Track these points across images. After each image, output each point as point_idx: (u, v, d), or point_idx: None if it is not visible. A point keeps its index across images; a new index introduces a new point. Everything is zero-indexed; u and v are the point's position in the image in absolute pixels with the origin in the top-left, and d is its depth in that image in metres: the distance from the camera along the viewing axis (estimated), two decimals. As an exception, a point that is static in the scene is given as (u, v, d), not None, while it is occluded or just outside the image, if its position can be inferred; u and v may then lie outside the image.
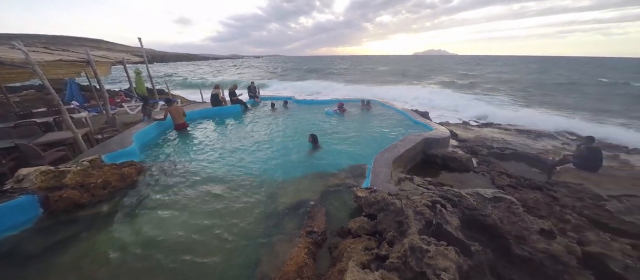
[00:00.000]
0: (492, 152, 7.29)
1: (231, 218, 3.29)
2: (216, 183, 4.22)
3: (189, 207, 3.54)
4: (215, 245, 2.82)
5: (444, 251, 1.87)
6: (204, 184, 4.20)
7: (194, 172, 4.60)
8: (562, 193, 4.22)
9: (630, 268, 1.99)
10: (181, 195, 3.84)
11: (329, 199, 3.70)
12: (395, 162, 4.45)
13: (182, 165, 4.90)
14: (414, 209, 2.48)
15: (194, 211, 3.45)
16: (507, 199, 2.55)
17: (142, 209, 3.51)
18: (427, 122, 7.20)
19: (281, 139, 6.58)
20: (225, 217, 3.32)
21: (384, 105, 9.95)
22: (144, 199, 3.74)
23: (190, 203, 3.65)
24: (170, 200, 3.71)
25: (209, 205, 3.57)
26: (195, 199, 3.76)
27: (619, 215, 3.25)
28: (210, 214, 3.37)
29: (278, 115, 9.04)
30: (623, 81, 28.82)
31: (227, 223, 3.20)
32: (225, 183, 4.22)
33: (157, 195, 3.83)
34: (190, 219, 3.27)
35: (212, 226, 3.13)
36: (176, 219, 3.28)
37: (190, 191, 3.97)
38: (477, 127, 12.78)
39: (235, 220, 3.24)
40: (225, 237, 2.95)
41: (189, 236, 2.95)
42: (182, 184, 4.18)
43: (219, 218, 3.29)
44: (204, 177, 4.45)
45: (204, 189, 4.02)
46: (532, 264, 2.12)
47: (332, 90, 25.44)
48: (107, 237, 2.94)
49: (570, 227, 3.04)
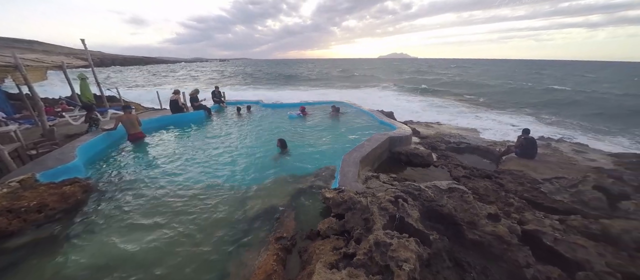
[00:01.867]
0: (449, 147, 7.93)
1: (196, 232, 3.10)
2: (178, 196, 3.93)
3: (147, 226, 3.23)
4: (179, 262, 2.62)
5: (405, 243, 1.98)
6: (165, 198, 3.88)
7: (153, 186, 4.23)
8: (507, 180, 4.75)
9: (558, 240, 2.32)
10: (138, 213, 3.50)
11: (299, 203, 3.68)
12: (362, 161, 4.60)
13: (138, 179, 4.46)
14: (378, 206, 2.59)
15: (154, 229, 3.17)
16: (459, 189, 2.80)
17: (89, 232, 3.11)
18: (392, 122, 7.58)
19: (248, 144, 6.39)
20: (190, 231, 3.11)
21: (351, 106, 10.24)
22: (92, 220, 3.33)
23: (148, 220, 3.33)
24: (125, 220, 3.35)
25: (171, 221, 3.31)
26: (155, 215, 3.45)
27: (551, 196, 3.76)
28: (173, 230, 3.12)
29: (244, 121, 8.76)
30: (549, 85, 33.38)
31: (192, 237, 3.00)
32: (188, 195, 3.95)
33: (109, 215, 3.44)
34: (149, 238, 2.99)
35: (175, 243, 2.91)
36: (132, 240, 2.97)
37: (149, 207, 3.64)
38: (436, 125, 13.79)
39: (201, 234, 3.06)
40: (190, 252, 2.76)
41: (148, 257, 2.70)
42: (139, 200, 3.81)
43: (182, 233, 3.07)
44: (164, 190, 4.11)
45: (164, 204, 3.71)
46: (482, 246, 2.35)
47: (300, 93, 25.58)
48: (45, 269, 2.55)
49: (513, 209, 3.43)
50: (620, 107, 19.19)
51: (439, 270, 2.23)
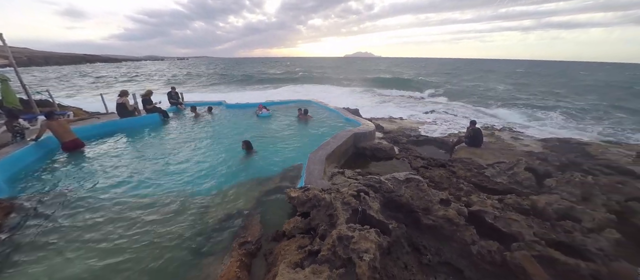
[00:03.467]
0: (410, 140, 8.47)
1: (152, 247, 2.83)
2: (129, 210, 3.54)
3: (88, 248, 2.84)
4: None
5: (366, 234, 2.06)
6: (112, 213, 3.47)
7: (95, 202, 3.72)
8: (458, 167, 5.23)
9: (497, 217, 2.63)
10: (75, 234, 3.05)
11: (265, 205, 3.60)
12: (328, 158, 4.66)
13: (78, 195, 3.90)
14: (342, 201, 2.65)
15: (99, 249, 2.81)
16: (415, 179, 3.00)
17: (8, 265, 2.60)
18: (357, 118, 7.83)
19: (211, 148, 6.05)
20: (144, 247, 2.83)
21: (317, 105, 10.32)
22: (15, 247, 2.83)
23: (90, 242, 2.93)
24: (58, 243, 2.90)
25: (120, 238, 2.97)
26: (100, 233, 3.07)
27: (493, 178, 4.24)
28: (123, 249, 2.80)
29: (205, 123, 8.27)
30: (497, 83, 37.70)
31: (146, 254, 2.73)
32: (141, 208, 3.59)
33: (37, 240, 2.95)
34: (91, 262, 2.65)
35: (126, 262, 2.62)
36: (71, 265, 2.60)
37: (90, 227, 3.20)
38: (399, 120, 14.63)
39: (158, 249, 2.80)
40: (145, 270, 2.51)
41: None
42: (78, 219, 3.34)
43: (135, 250, 2.78)
44: (111, 205, 3.67)
45: (111, 220, 3.31)
46: (435, 229, 2.55)
47: (266, 93, 25.09)
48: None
49: (463, 194, 3.80)
50: (550, 99, 22.53)
51: (399, 256, 2.37)
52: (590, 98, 23.21)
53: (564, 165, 5.34)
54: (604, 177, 4.64)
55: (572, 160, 5.76)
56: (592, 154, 7.28)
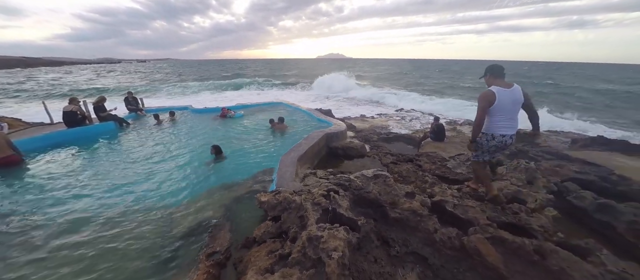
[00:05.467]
0: (381, 138, 8.79)
1: (111, 264, 2.57)
2: (77, 231, 3.17)
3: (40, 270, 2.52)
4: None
5: (334, 233, 2.09)
6: (58, 237, 3.07)
7: (35, 226, 3.26)
8: (424, 161, 5.54)
9: (456, 205, 2.83)
10: (17, 260, 2.68)
11: (235, 212, 3.48)
12: (300, 160, 4.65)
13: (11, 220, 3.40)
14: (312, 201, 2.66)
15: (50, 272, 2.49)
16: (382, 175, 3.12)
17: None
18: (328, 119, 7.93)
19: (175, 155, 5.70)
20: (103, 265, 2.56)
21: (288, 106, 10.26)
22: None
23: (40, 265, 2.60)
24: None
25: (75, 259, 2.66)
26: (41, 262, 2.71)
27: (454, 169, 4.57)
28: (79, 270, 2.51)
29: (168, 129, 7.76)
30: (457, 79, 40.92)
31: (105, 271, 2.48)
32: (93, 227, 3.24)
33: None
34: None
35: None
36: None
37: (38, 248, 2.83)
38: (370, 118, 15.12)
39: (118, 267, 2.56)
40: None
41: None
42: (13, 247, 2.92)
43: (92, 270, 2.50)
44: (56, 228, 3.24)
45: (56, 245, 2.94)
46: (402, 221, 2.68)
47: (236, 95, 24.38)
48: None
49: (427, 186, 4.03)
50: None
51: (368, 250, 2.44)
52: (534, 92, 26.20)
53: (513, 154, 5.94)
54: (545, 161, 5.26)
55: (520, 148, 6.44)
56: (536, 142, 8.20)
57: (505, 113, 2.72)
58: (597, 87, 29.85)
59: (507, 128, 2.78)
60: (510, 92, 2.67)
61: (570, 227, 3.22)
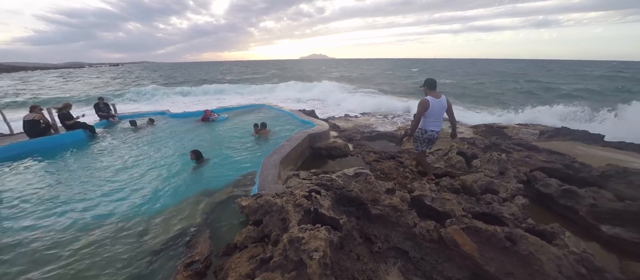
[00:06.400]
0: (364, 136, 8.90)
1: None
2: (45, 249, 2.93)
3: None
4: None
5: (316, 233, 2.09)
6: (22, 258, 2.82)
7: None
8: (405, 157, 5.68)
9: (434, 199, 2.93)
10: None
11: (216, 218, 3.38)
12: (283, 162, 4.61)
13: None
14: (293, 203, 2.64)
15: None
16: (363, 173, 3.16)
17: None
18: (311, 119, 7.92)
19: (152, 163, 5.43)
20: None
21: (271, 108, 10.14)
22: None
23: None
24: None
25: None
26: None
27: (433, 164, 4.73)
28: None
29: (145, 136, 7.39)
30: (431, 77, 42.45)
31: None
32: (62, 244, 3.00)
33: None
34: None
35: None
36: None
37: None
38: (354, 118, 15.30)
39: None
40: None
41: None
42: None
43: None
44: (20, 247, 2.98)
45: (20, 265, 2.70)
46: (383, 217, 2.72)
47: (215, 98, 23.68)
48: None
49: (408, 181, 4.14)
50: (473, 89, 26.15)
51: (351, 248, 2.46)
52: (509, 87, 27.80)
53: (487, 146, 6.24)
54: (516, 153, 5.58)
55: (493, 142, 6.79)
56: (508, 135, 8.69)
57: (435, 116, 3.70)
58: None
59: (435, 126, 3.79)
60: (439, 101, 3.65)
61: (538, 213, 3.44)
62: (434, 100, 3.64)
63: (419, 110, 3.66)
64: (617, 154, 6.01)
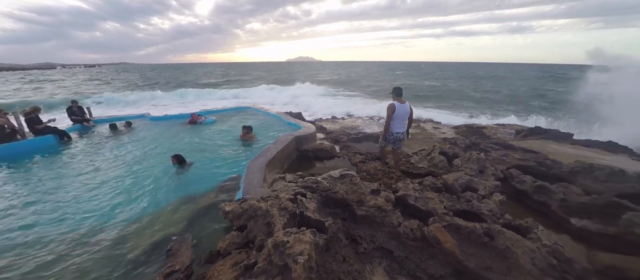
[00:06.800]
0: (350, 138, 8.97)
1: None
2: (14, 263, 2.71)
3: None
4: None
5: (301, 237, 2.07)
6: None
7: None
8: (390, 158, 5.80)
9: (417, 198, 3.00)
10: None
11: (199, 225, 3.27)
12: (269, 165, 4.55)
13: None
14: (278, 207, 2.61)
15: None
16: (349, 174, 3.19)
17: None
18: (297, 122, 7.89)
19: (131, 169, 5.19)
20: None
21: (257, 110, 10.02)
22: None
23: None
24: None
25: None
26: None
27: (416, 164, 4.85)
28: None
29: (123, 141, 7.06)
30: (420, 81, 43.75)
31: None
32: (32, 258, 2.79)
33: None
34: None
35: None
36: None
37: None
38: (341, 119, 15.41)
39: None
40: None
41: None
42: None
43: None
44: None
45: None
46: (368, 218, 2.75)
47: (197, 101, 22.89)
48: None
49: (393, 181, 4.22)
50: (455, 92, 27.19)
51: (337, 250, 2.46)
52: (487, 88, 29.12)
53: (468, 146, 6.49)
54: (494, 152, 5.83)
55: (473, 141, 7.06)
56: (487, 135, 9.08)
57: (399, 119, 4.38)
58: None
59: (400, 127, 4.47)
60: (403, 107, 4.33)
61: (514, 208, 3.61)
62: (400, 105, 4.28)
63: (388, 114, 4.28)
64: (585, 151, 6.45)
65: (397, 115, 4.28)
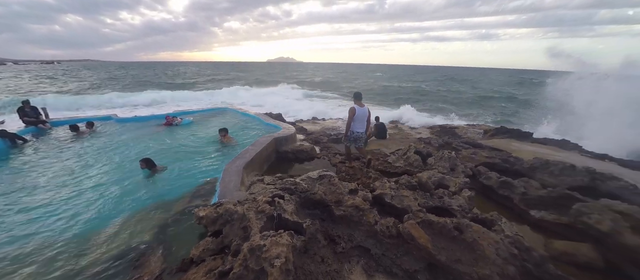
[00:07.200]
0: (330, 139, 9.04)
1: None
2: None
3: None
4: None
5: (277, 240, 2.05)
6: None
7: None
8: (369, 157, 5.93)
9: (393, 196, 3.10)
10: None
11: (171, 232, 3.11)
12: (247, 167, 4.45)
13: None
14: (256, 210, 2.56)
15: None
16: (327, 175, 3.21)
17: None
18: (277, 123, 7.81)
19: (96, 174, 4.81)
20: None
21: (235, 111, 9.76)
22: None
23: None
24: None
25: None
26: None
27: (393, 163, 5.01)
28: None
29: (87, 144, 6.51)
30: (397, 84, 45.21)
31: None
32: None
33: None
34: None
35: None
36: None
37: None
38: (322, 120, 15.47)
39: None
40: None
41: None
42: None
43: None
44: None
45: None
46: (346, 218, 2.79)
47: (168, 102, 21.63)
48: None
49: (371, 181, 4.32)
50: (431, 94, 28.46)
51: (315, 251, 2.46)
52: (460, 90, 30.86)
53: (441, 145, 6.82)
54: (464, 150, 6.19)
55: (446, 141, 7.44)
56: (459, 134, 9.61)
57: (359, 121, 4.97)
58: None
59: (360, 128, 5.06)
60: (362, 110, 4.93)
61: (482, 203, 3.85)
62: (359, 108, 4.86)
63: (349, 116, 4.91)
64: (542, 148, 7.06)
65: (357, 117, 4.87)
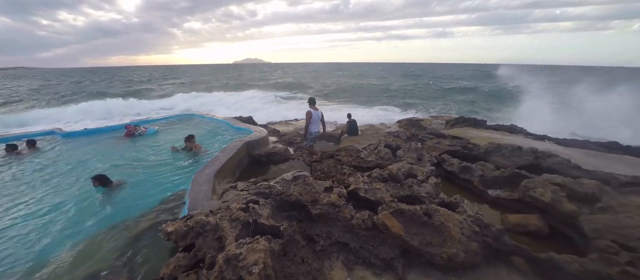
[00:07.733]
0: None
1: None
2: None
3: None
4: None
5: (254, 246, 2.00)
6: None
7: None
8: (343, 155, 6.03)
9: (367, 190, 3.21)
10: None
11: (137, 253, 2.86)
12: (218, 175, 4.25)
13: None
14: (229, 218, 2.47)
15: None
16: (302, 175, 3.21)
17: None
18: (248, 126, 7.59)
19: (41, 197, 4.22)
20: None
21: (202, 117, 9.28)
22: None
23: None
24: None
25: None
26: None
27: (366, 158, 5.18)
28: None
29: (25, 165, 5.68)
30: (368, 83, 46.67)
31: None
32: None
33: None
34: None
35: None
36: None
37: None
38: (294, 121, 15.38)
39: None
40: None
41: None
42: None
43: None
44: None
45: None
46: (323, 216, 2.82)
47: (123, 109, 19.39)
48: None
49: (345, 177, 4.41)
50: (399, 90, 29.87)
51: (295, 252, 2.45)
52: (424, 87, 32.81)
53: (408, 138, 7.21)
54: (429, 141, 6.62)
55: (413, 133, 7.88)
56: (424, 126, 10.24)
57: (315, 122, 5.92)
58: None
59: (316, 128, 6.03)
60: (317, 113, 5.91)
61: (447, 188, 4.16)
62: (314, 111, 5.84)
63: (307, 119, 5.81)
64: (495, 134, 7.84)
65: (313, 120, 5.83)
